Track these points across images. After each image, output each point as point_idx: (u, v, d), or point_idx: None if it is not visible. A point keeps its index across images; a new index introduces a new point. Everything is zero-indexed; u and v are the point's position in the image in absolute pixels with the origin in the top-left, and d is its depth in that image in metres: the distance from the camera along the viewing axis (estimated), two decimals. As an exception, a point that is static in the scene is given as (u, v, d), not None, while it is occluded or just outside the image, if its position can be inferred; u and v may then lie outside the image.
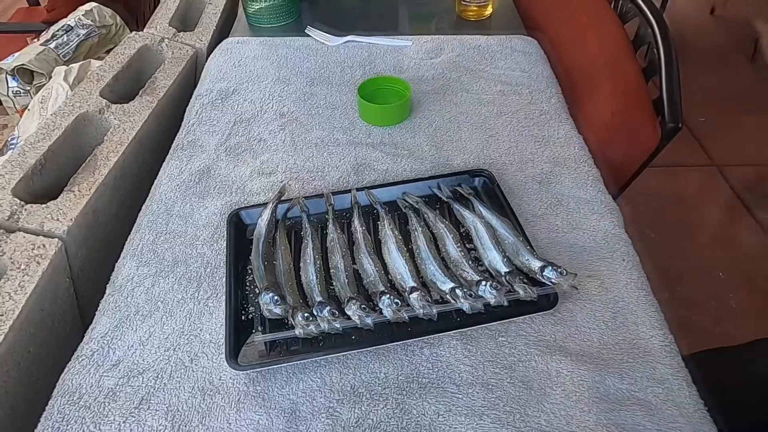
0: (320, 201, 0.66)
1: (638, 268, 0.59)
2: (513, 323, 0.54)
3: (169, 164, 0.74)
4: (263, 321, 0.54)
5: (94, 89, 0.82)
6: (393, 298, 0.52)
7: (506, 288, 0.54)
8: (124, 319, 0.56)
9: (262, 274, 0.56)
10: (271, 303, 0.52)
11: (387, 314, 0.52)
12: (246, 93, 0.86)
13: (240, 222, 0.64)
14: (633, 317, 0.54)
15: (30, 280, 0.56)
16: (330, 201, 0.65)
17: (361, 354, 0.52)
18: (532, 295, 0.53)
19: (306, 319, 0.51)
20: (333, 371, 0.51)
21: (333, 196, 0.66)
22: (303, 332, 0.51)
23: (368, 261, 0.57)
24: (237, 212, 0.65)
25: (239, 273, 0.59)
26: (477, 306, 0.52)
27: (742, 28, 2.54)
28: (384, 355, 0.52)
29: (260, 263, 0.57)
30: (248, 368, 0.50)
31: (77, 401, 0.49)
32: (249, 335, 0.53)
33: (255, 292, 0.57)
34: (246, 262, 0.60)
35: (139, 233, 0.65)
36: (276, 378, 0.51)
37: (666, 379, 0.50)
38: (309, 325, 0.51)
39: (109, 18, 1.62)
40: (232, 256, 0.60)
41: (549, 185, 0.69)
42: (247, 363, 0.51)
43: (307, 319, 0.51)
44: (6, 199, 0.64)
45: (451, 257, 0.58)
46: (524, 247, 0.57)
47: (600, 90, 0.85)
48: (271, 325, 0.53)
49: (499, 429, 0.47)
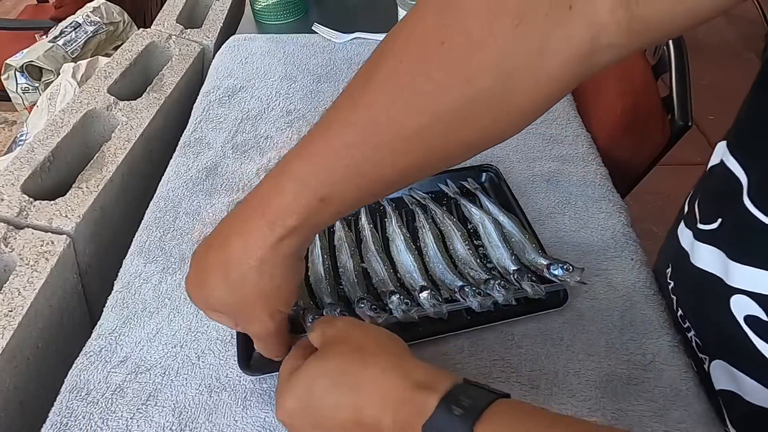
0: None
1: (647, 267, 0.59)
2: (520, 323, 0.54)
3: (176, 161, 0.74)
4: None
5: (101, 86, 0.82)
6: (403, 298, 0.52)
7: (515, 286, 0.53)
8: (131, 315, 0.56)
9: None
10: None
11: (397, 314, 0.51)
12: (253, 90, 0.86)
13: None
14: (641, 317, 0.54)
15: (39, 276, 0.56)
16: None
17: (367, 352, 0.52)
18: (541, 293, 0.52)
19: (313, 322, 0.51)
20: (339, 369, 0.51)
21: None
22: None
23: (377, 260, 0.57)
24: None
25: None
26: (486, 304, 0.52)
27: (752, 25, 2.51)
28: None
29: None
30: (258, 374, 0.50)
31: (85, 397, 0.49)
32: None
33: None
34: None
35: (147, 230, 0.65)
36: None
37: (674, 379, 0.49)
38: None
39: (116, 15, 1.63)
40: None
41: (557, 183, 0.69)
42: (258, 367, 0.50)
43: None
44: (15, 195, 0.65)
45: (459, 255, 0.58)
46: (530, 244, 0.57)
47: (609, 88, 0.84)
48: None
49: (505, 428, 0.46)
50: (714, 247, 0.44)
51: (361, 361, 0.35)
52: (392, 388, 0.33)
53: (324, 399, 0.35)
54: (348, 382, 0.34)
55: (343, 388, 0.34)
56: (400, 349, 0.37)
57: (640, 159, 0.80)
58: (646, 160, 0.80)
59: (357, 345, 0.36)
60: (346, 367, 0.35)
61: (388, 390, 0.33)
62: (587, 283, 0.55)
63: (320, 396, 0.35)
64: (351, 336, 0.38)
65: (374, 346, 0.36)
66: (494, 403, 0.30)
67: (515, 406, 0.31)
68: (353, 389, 0.34)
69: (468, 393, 0.31)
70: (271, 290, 0.38)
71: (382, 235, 0.61)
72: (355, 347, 0.36)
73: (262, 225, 0.36)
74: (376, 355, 0.35)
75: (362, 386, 0.34)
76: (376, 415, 0.33)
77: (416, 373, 0.33)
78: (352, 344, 0.37)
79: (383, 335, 0.38)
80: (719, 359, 0.45)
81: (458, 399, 0.31)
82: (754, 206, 0.39)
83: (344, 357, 0.36)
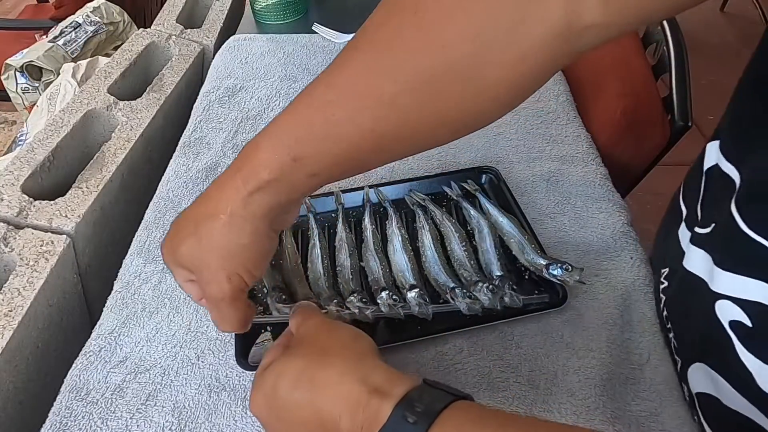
0: (326, 199, 0.66)
1: (646, 266, 0.59)
2: (519, 322, 0.54)
3: (176, 161, 0.74)
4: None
5: (101, 86, 0.82)
6: (391, 294, 0.52)
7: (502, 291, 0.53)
8: (131, 315, 0.56)
9: (269, 272, 0.56)
10: (279, 303, 0.52)
11: (384, 309, 0.52)
12: (253, 90, 0.86)
13: None
14: (640, 317, 0.54)
15: (38, 276, 0.56)
16: (340, 200, 0.65)
17: (367, 352, 0.52)
18: (518, 303, 0.52)
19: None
20: (339, 369, 0.51)
21: (342, 195, 0.66)
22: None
23: (374, 259, 0.57)
24: None
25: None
26: (474, 308, 0.52)
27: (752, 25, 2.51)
28: (388, 354, 0.52)
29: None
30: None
31: (85, 397, 0.49)
32: (256, 335, 0.53)
33: (263, 291, 0.57)
34: None
35: (147, 230, 0.65)
36: (282, 375, 0.51)
37: (672, 379, 0.49)
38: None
39: (116, 15, 1.63)
40: None
41: (557, 183, 0.69)
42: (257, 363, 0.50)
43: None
44: (15, 195, 0.65)
45: (455, 256, 0.58)
46: (530, 244, 0.57)
47: (608, 88, 0.84)
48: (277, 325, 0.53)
49: (505, 428, 0.46)
50: (704, 251, 0.44)
51: (320, 363, 0.35)
52: (348, 392, 0.33)
53: (287, 397, 0.35)
54: (307, 382, 0.35)
55: (302, 388, 0.35)
56: (366, 350, 0.37)
57: (640, 159, 0.80)
58: (646, 160, 0.80)
59: (321, 346, 0.37)
60: (306, 367, 0.36)
61: (344, 393, 0.33)
62: (586, 283, 0.55)
63: (283, 394, 0.35)
64: (318, 336, 0.38)
65: (338, 348, 0.37)
66: (449, 406, 0.30)
67: (469, 408, 0.31)
68: (311, 390, 0.34)
69: (423, 398, 0.31)
70: (235, 248, 0.38)
71: (382, 235, 0.61)
72: (319, 348, 0.37)
73: (236, 179, 0.37)
74: (336, 357, 0.36)
75: (320, 387, 0.34)
76: (334, 416, 0.33)
77: (374, 377, 0.33)
78: (318, 345, 0.37)
79: (350, 336, 0.38)
80: (700, 362, 0.45)
81: (413, 405, 0.31)
82: (737, 213, 0.39)
83: (306, 358, 0.36)
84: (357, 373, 0.34)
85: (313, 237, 0.60)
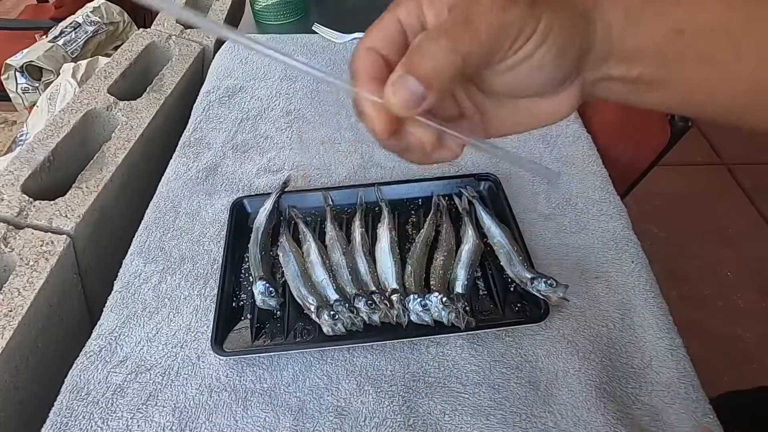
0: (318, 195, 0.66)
1: (647, 269, 0.59)
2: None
3: (176, 161, 0.74)
4: (253, 309, 0.55)
5: (101, 86, 0.82)
6: (367, 301, 0.52)
7: (454, 308, 0.52)
8: (131, 315, 0.56)
9: (258, 262, 0.57)
10: (265, 293, 0.53)
11: (363, 314, 0.52)
12: (253, 90, 0.86)
13: (242, 210, 0.65)
14: (640, 319, 0.54)
15: (38, 276, 0.56)
16: (329, 201, 0.65)
17: (367, 352, 0.52)
18: (460, 324, 0.51)
19: (332, 318, 0.51)
20: (339, 369, 0.51)
21: (334, 192, 0.66)
22: (331, 330, 0.51)
23: (362, 261, 0.58)
24: (240, 200, 0.66)
25: (236, 260, 0.60)
26: (424, 318, 0.52)
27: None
28: (390, 353, 0.52)
29: (257, 251, 0.58)
30: (233, 355, 0.51)
31: (85, 397, 0.49)
32: (237, 322, 0.54)
33: (249, 280, 0.58)
34: (244, 250, 0.61)
35: (147, 230, 0.65)
36: (282, 376, 0.51)
37: (673, 383, 0.49)
38: (336, 324, 0.51)
39: (116, 15, 1.63)
40: (230, 237, 0.61)
41: (557, 185, 0.69)
42: (232, 350, 0.51)
43: (333, 317, 0.51)
44: (15, 195, 0.65)
45: (437, 264, 0.58)
46: (518, 257, 0.57)
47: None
48: (260, 314, 0.54)
49: (505, 429, 0.46)
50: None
51: None
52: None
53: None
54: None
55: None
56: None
57: (640, 159, 0.80)
58: (646, 160, 0.80)
59: None
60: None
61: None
62: (569, 300, 0.55)
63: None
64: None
65: None
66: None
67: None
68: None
69: None
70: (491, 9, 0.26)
71: (371, 236, 0.62)
72: None
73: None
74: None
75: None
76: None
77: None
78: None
79: None
80: None
81: None
82: None
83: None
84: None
85: (306, 240, 0.61)
